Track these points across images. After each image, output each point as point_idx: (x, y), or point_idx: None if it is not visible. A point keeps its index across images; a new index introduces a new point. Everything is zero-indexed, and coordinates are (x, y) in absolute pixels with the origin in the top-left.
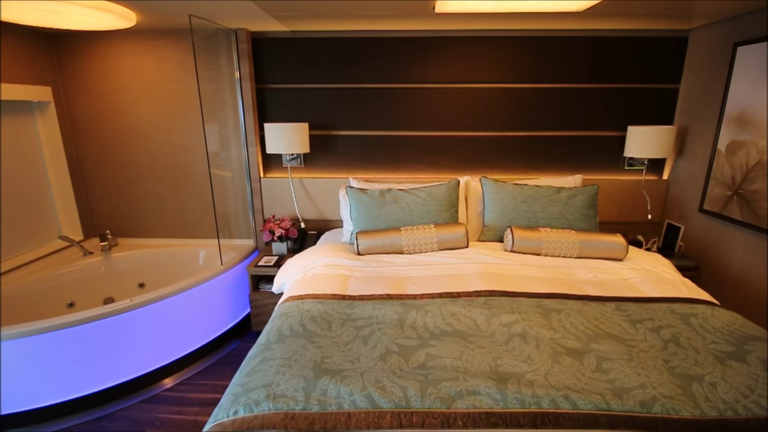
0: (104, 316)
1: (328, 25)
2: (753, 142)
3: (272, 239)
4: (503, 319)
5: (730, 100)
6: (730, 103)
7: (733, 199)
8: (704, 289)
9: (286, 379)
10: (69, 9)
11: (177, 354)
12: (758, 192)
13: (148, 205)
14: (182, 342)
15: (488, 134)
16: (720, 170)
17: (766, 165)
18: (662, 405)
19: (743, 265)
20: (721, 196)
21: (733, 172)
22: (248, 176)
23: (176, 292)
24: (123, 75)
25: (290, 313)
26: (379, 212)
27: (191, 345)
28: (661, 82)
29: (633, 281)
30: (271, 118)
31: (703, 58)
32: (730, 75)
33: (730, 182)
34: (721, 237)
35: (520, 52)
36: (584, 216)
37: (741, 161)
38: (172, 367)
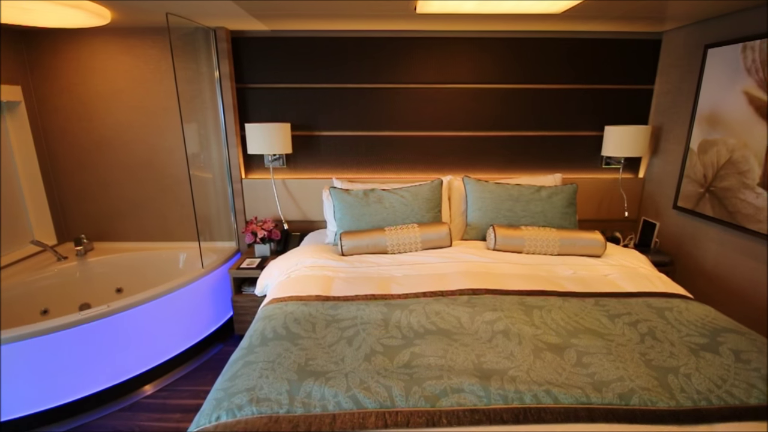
0: (80, 322)
1: (309, 24)
2: (723, 141)
3: (255, 241)
4: (486, 316)
5: (702, 101)
6: (702, 103)
7: (705, 196)
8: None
9: (270, 383)
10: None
11: (157, 360)
12: (729, 189)
13: (126, 208)
14: (162, 347)
15: (470, 134)
16: (692, 168)
17: (735, 163)
18: (640, 397)
19: (715, 259)
20: (693, 194)
21: (704, 170)
22: (229, 177)
23: (155, 296)
24: (97, 74)
25: (274, 315)
26: (363, 212)
27: (172, 350)
28: (636, 83)
29: (611, 277)
30: (253, 119)
31: (676, 60)
32: (701, 76)
33: (702, 180)
34: (695, 233)
35: (501, 53)
36: (564, 214)
37: (712, 159)
38: (152, 373)
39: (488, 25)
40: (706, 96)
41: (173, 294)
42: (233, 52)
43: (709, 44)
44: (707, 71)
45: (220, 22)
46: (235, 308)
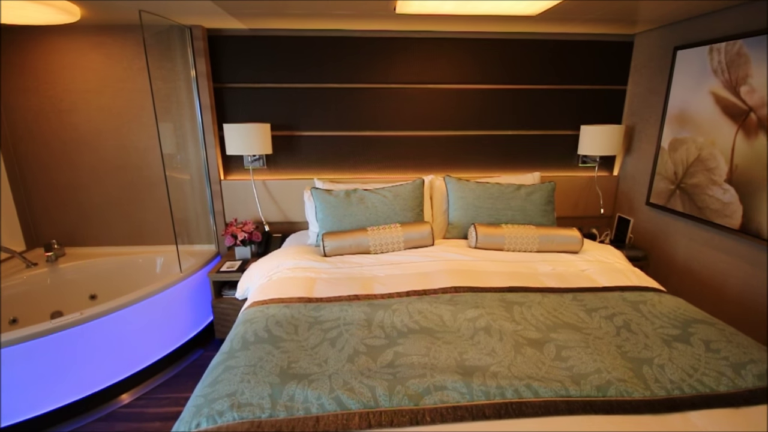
0: (52, 331)
1: (288, 23)
2: (692, 139)
3: (235, 243)
4: (468, 314)
5: (672, 101)
6: (672, 103)
7: (676, 193)
8: (652, 277)
9: (251, 387)
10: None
11: (134, 368)
12: (698, 186)
13: (99, 212)
14: (140, 355)
15: (451, 134)
16: (664, 166)
17: (703, 160)
18: (616, 388)
19: (686, 253)
20: (665, 190)
21: (675, 167)
22: (207, 179)
23: (132, 302)
24: (67, 73)
25: (255, 318)
26: (345, 213)
27: (150, 357)
28: (610, 83)
29: (588, 272)
30: (231, 119)
31: (647, 62)
32: (671, 77)
33: (673, 177)
34: (666, 228)
35: (481, 54)
36: (543, 212)
37: (682, 157)
38: (129, 381)
39: (468, 26)
40: (676, 96)
41: (150, 299)
42: (210, 50)
43: (678, 46)
44: (677, 72)
45: (196, 20)
46: (215, 312)
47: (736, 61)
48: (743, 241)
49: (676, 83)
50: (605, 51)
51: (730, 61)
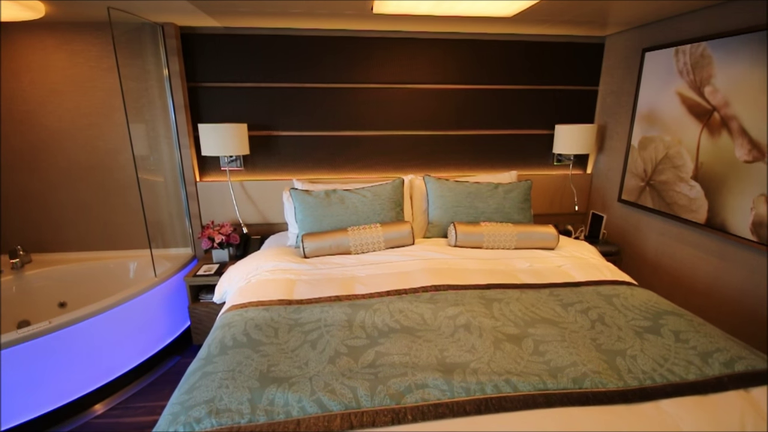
0: (18, 341)
1: (263, 22)
2: (660, 138)
3: (212, 246)
4: (448, 312)
5: (641, 100)
6: (641, 102)
7: (646, 190)
8: (625, 271)
9: (230, 393)
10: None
11: (108, 377)
12: (666, 182)
13: (68, 216)
14: (113, 363)
15: (430, 133)
16: (634, 164)
17: (671, 158)
18: (591, 380)
19: (656, 248)
20: (635, 187)
21: (644, 165)
22: (182, 180)
23: (103, 309)
24: (32, 72)
25: (233, 322)
26: (325, 213)
27: (124, 366)
28: (583, 84)
29: (564, 268)
30: (207, 119)
31: (618, 63)
32: (639, 78)
33: (643, 174)
34: (638, 224)
35: (458, 55)
36: (520, 209)
37: (651, 155)
38: (102, 391)
39: (445, 26)
40: (645, 96)
41: (123, 306)
42: (184, 49)
43: (646, 48)
44: (645, 73)
45: (167, 18)
46: (192, 318)
47: (700, 62)
48: (709, 235)
49: (645, 84)
50: (578, 52)
51: (695, 62)
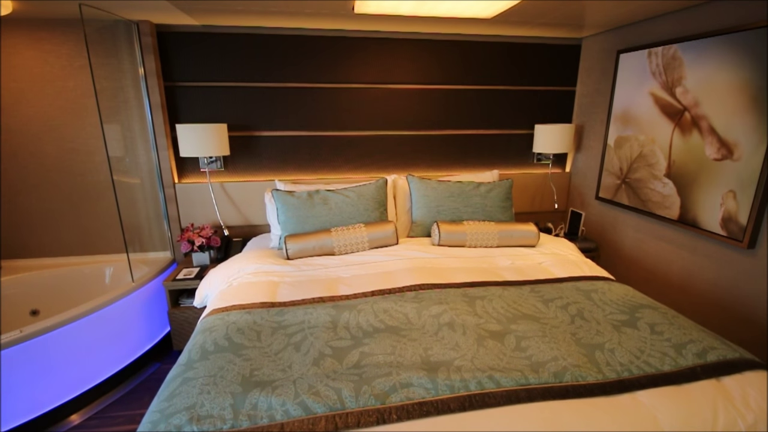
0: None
1: (243, 20)
2: (635, 137)
3: (192, 250)
4: (432, 310)
5: (616, 101)
6: (616, 103)
7: (622, 187)
8: (603, 267)
9: (212, 398)
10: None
11: (84, 386)
12: (641, 180)
13: (40, 220)
14: (90, 372)
15: (413, 133)
16: (610, 162)
17: (645, 156)
18: (572, 373)
19: (632, 243)
20: (612, 185)
21: (620, 163)
22: (160, 182)
23: (79, 316)
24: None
25: (214, 327)
26: (308, 214)
27: (102, 374)
28: (561, 84)
29: (545, 265)
30: (185, 119)
31: (594, 64)
32: (615, 79)
33: (619, 172)
34: (614, 220)
35: (441, 55)
36: (502, 208)
37: (626, 154)
38: (79, 400)
39: (427, 27)
40: (620, 97)
41: (99, 312)
42: (160, 47)
43: (620, 50)
44: (620, 74)
45: (142, 15)
46: (172, 323)
47: (671, 64)
48: (681, 230)
49: (620, 84)
50: (556, 54)
51: (666, 64)
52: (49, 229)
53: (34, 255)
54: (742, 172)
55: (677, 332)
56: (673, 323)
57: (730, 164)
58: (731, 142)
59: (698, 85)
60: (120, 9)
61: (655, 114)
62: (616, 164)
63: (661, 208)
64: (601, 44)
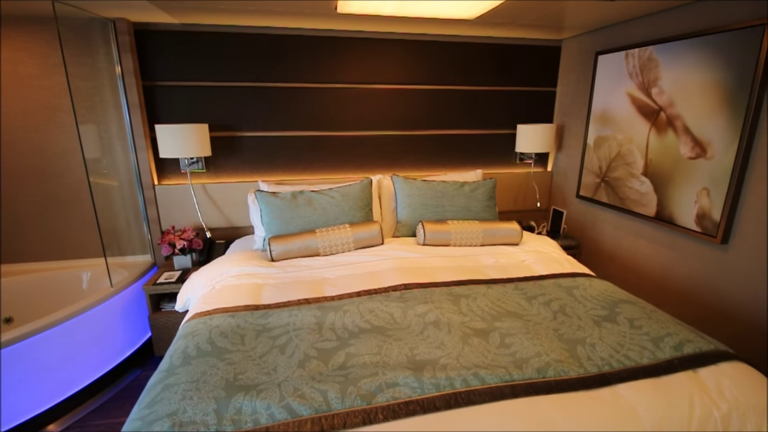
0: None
1: (223, 19)
2: (613, 136)
3: (173, 253)
4: (418, 309)
5: (595, 101)
6: (595, 103)
7: (601, 186)
8: (584, 264)
9: (194, 404)
10: None
11: (62, 395)
12: (619, 179)
13: (12, 225)
14: (68, 380)
15: (397, 133)
16: (590, 161)
17: (623, 156)
18: (554, 369)
19: (612, 240)
20: (592, 184)
21: (599, 162)
22: (139, 184)
23: (55, 323)
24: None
25: (197, 331)
26: (292, 215)
27: (80, 382)
28: (542, 85)
29: (528, 262)
30: (164, 119)
31: (574, 65)
32: (593, 79)
33: (598, 171)
34: (594, 218)
35: (425, 56)
36: (485, 207)
37: (605, 153)
38: (56, 410)
39: (410, 27)
40: (599, 97)
41: (76, 319)
42: (138, 46)
43: (599, 51)
44: (598, 75)
45: (119, 13)
46: (153, 328)
47: (647, 65)
48: (658, 227)
49: (598, 85)
50: (537, 55)
51: (643, 65)
52: (23, 234)
53: (9, 261)
54: (715, 170)
55: (655, 326)
56: (651, 317)
57: (703, 162)
58: (704, 141)
59: (673, 86)
60: (95, 7)
61: (633, 114)
62: (596, 163)
63: (638, 206)
64: (580, 46)
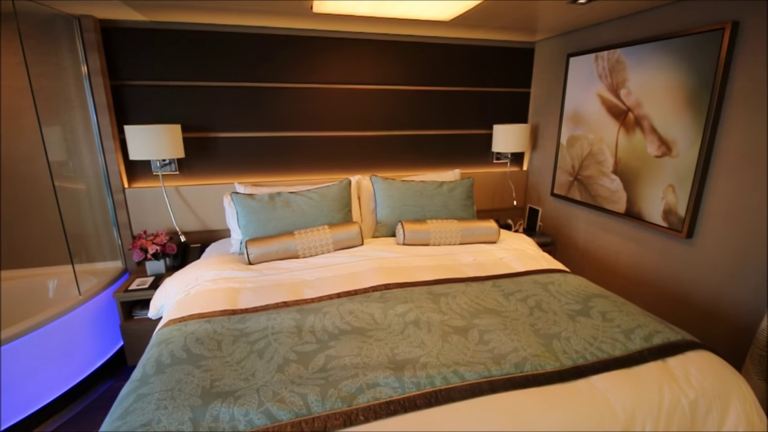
0: None
1: (194, 17)
2: (585, 136)
3: (145, 258)
4: (398, 309)
5: (567, 102)
6: (567, 104)
7: (574, 184)
8: (559, 260)
9: (169, 413)
10: None
11: (29, 409)
12: (591, 177)
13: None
14: (34, 394)
15: (376, 134)
16: (563, 160)
17: (594, 154)
18: (531, 363)
19: (585, 236)
20: (565, 182)
21: (572, 161)
22: (108, 188)
23: (19, 334)
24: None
25: (171, 338)
26: (270, 217)
27: (47, 395)
28: (517, 86)
29: (505, 260)
30: (134, 120)
31: (546, 66)
32: (565, 81)
33: (571, 170)
34: (568, 215)
35: (403, 57)
36: (463, 206)
37: (577, 152)
38: (23, 425)
39: (387, 28)
40: (570, 98)
41: (43, 329)
42: (105, 44)
43: (570, 53)
44: (570, 77)
45: (84, 9)
46: (125, 337)
47: (615, 67)
48: (628, 223)
49: (570, 86)
50: (512, 57)
51: (611, 67)
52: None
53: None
54: (679, 167)
55: (626, 318)
56: (622, 310)
57: (669, 161)
58: (670, 140)
59: (640, 87)
60: (59, 3)
61: (603, 114)
62: (569, 162)
63: (609, 203)
64: (553, 48)
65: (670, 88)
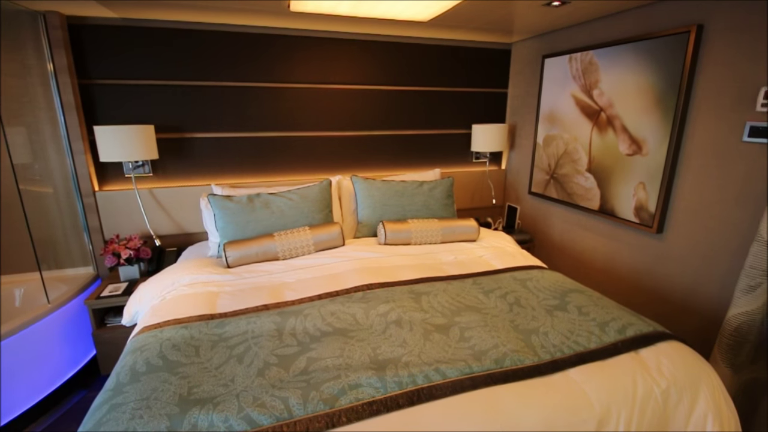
0: None
1: (167, 14)
2: (560, 135)
3: (118, 263)
4: (380, 309)
5: (543, 102)
6: (543, 104)
7: (551, 182)
8: (537, 257)
9: (145, 423)
10: None
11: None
12: (566, 175)
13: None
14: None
15: (356, 134)
16: (540, 159)
17: (570, 153)
18: (511, 358)
19: (561, 233)
20: (542, 181)
21: (548, 160)
22: (77, 191)
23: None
24: None
25: (146, 345)
26: (249, 219)
27: (16, 408)
28: (495, 86)
29: (485, 258)
30: (104, 120)
31: (523, 67)
32: (541, 81)
33: (548, 168)
34: (546, 213)
35: (382, 57)
36: (444, 205)
37: (553, 151)
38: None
39: (366, 28)
40: (546, 98)
41: (9, 340)
42: (73, 41)
43: (545, 54)
44: (545, 77)
45: (49, 6)
46: (98, 345)
47: (588, 68)
48: (602, 219)
49: (546, 87)
50: (490, 57)
51: (585, 68)
52: None
53: None
54: (650, 165)
55: (601, 312)
56: (597, 304)
57: (639, 159)
58: (640, 139)
59: (612, 88)
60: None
61: (577, 114)
62: (545, 161)
63: (584, 200)
64: (529, 49)
65: (640, 88)
